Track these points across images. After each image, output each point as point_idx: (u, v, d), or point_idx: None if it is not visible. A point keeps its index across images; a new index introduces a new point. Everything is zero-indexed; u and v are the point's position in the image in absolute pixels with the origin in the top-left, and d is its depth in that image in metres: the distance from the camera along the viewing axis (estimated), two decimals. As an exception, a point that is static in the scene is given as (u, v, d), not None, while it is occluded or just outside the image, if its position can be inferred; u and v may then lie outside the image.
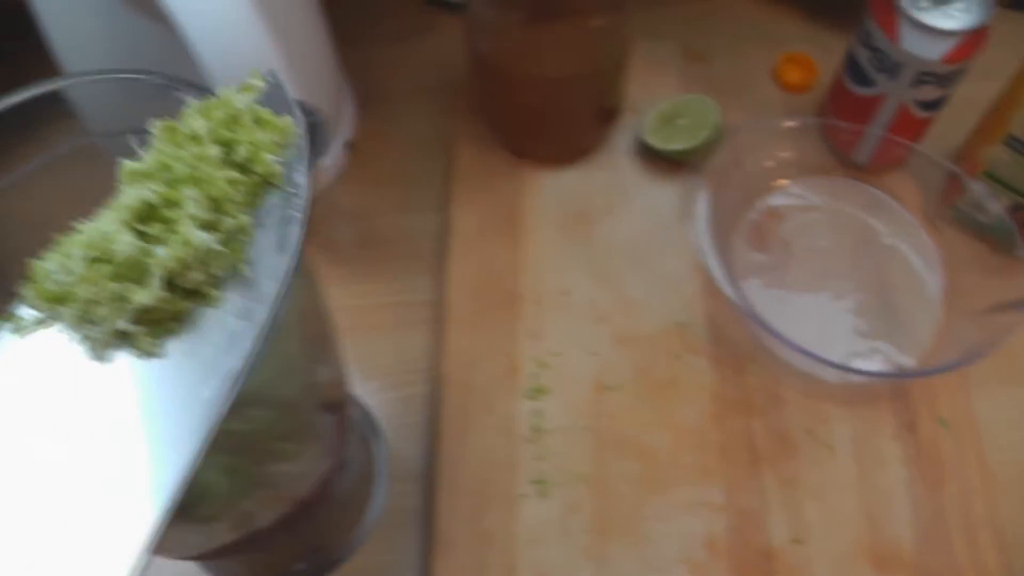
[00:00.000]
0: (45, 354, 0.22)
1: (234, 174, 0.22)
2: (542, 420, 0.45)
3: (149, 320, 0.21)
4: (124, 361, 0.21)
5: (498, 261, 0.49)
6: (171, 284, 0.21)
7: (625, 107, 0.54)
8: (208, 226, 0.21)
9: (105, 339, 0.21)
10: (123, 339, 0.21)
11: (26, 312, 0.22)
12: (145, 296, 0.20)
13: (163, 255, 0.20)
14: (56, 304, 0.21)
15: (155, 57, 0.39)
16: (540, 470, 0.44)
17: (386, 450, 0.47)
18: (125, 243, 0.20)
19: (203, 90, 0.25)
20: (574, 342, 0.47)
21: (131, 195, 0.21)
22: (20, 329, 0.22)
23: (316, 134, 0.26)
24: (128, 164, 0.22)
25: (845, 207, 0.51)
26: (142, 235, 0.21)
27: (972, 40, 0.45)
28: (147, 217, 0.21)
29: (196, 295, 0.22)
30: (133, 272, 0.21)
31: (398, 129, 0.56)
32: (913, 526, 0.44)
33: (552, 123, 0.50)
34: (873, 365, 0.47)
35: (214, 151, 0.22)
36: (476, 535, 0.43)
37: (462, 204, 0.51)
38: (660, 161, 0.52)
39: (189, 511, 0.29)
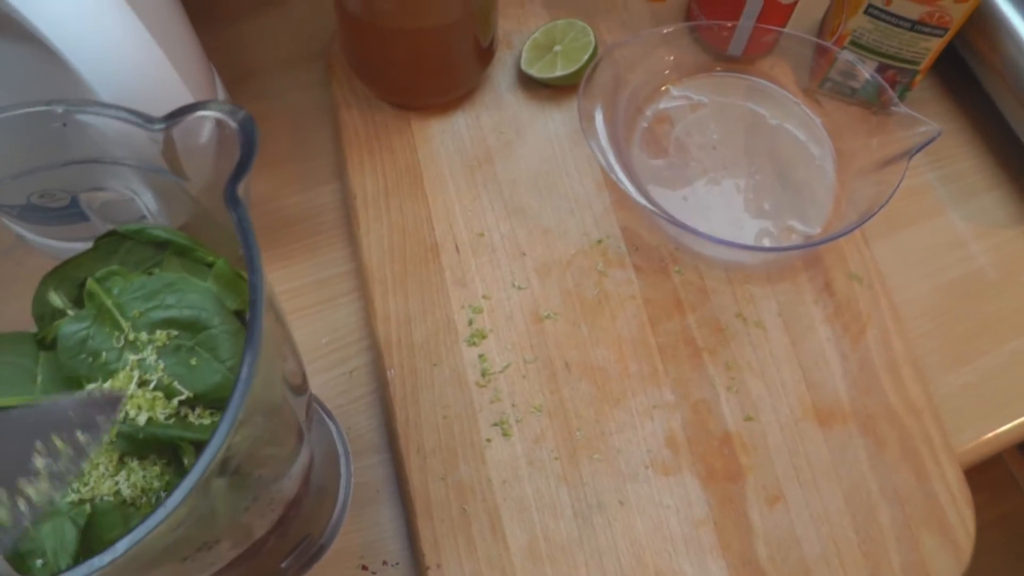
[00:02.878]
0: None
1: None
2: (488, 363, 0.46)
3: None
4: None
5: (408, 217, 0.49)
6: None
7: (498, 42, 0.54)
8: None
9: None
10: None
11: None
12: None
13: None
14: None
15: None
16: (498, 411, 0.45)
17: (341, 428, 0.46)
18: None
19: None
20: (500, 281, 0.48)
21: None
22: None
23: (249, 133, 0.27)
24: None
25: (728, 99, 0.53)
26: None
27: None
28: None
29: None
30: None
31: (275, 105, 0.54)
32: (845, 378, 0.47)
33: (432, 71, 0.49)
34: (784, 241, 0.49)
35: None
36: (452, 489, 0.43)
37: (358, 169, 0.50)
38: (544, 89, 0.52)
39: (196, 539, 0.28)
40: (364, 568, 0.44)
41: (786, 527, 0.44)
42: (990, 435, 0.48)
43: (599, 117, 0.47)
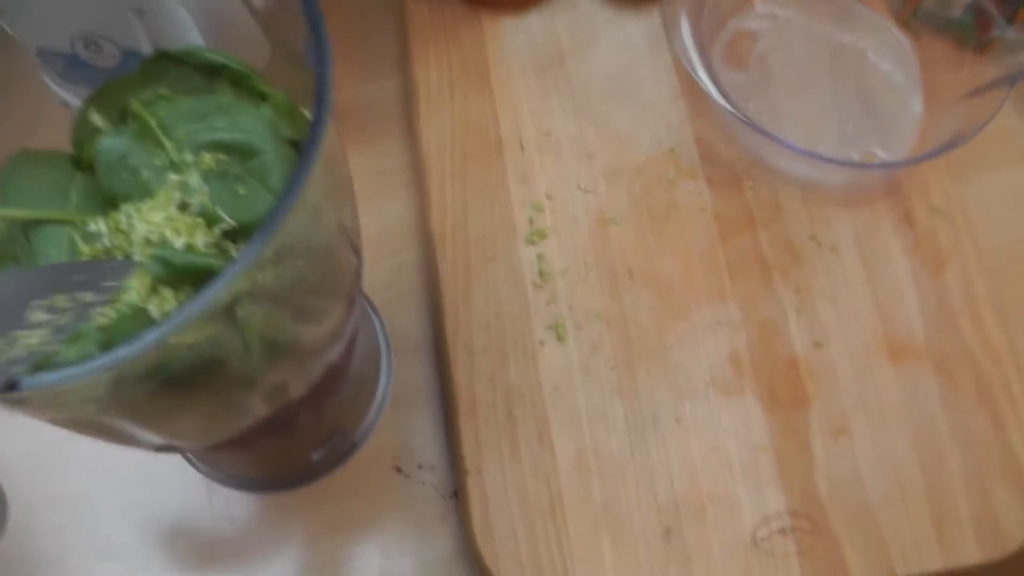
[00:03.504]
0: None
1: None
2: (547, 264, 0.43)
3: None
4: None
5: (472, 112, 0.46)
6: None
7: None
8: None
9: None
10: None
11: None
12: None
13: None
14: None
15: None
16: (554, 314, 0.42)
17: (384, 322, 0.44)
18: None
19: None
20: (565, 182, 0.45)
21: None
22: None
23: None
24: None
25: (816, 19, 0.50)
26: None
27: None
28: None
29: None
30: None
31: (339, -5, 0.52)
32: (922, 314, 0.44)
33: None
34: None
35: None
36: (499, 391, 0.41)
37: (423, 62, 0.48)
38: (621, -7, 0.50)
39: (227, 370, 0.26)
40: (398, 470, 0.42)
41: (849, 461, 0.41)
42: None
43: (683, 23, 0.44)
